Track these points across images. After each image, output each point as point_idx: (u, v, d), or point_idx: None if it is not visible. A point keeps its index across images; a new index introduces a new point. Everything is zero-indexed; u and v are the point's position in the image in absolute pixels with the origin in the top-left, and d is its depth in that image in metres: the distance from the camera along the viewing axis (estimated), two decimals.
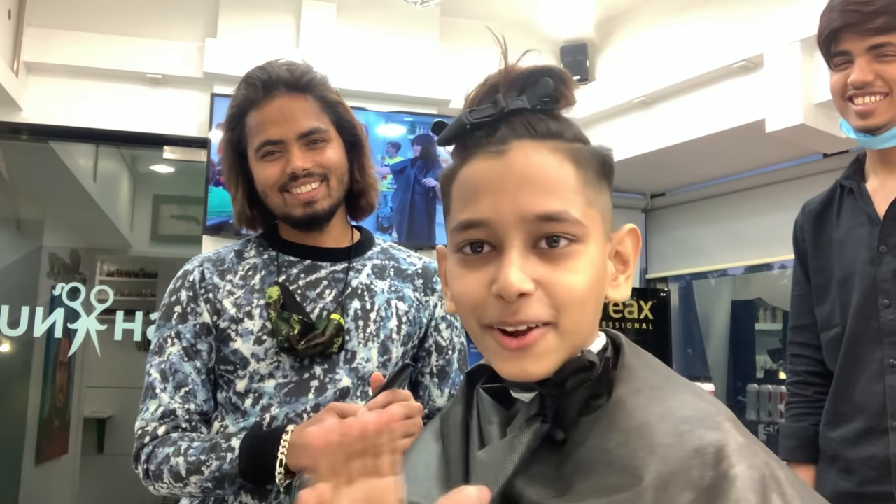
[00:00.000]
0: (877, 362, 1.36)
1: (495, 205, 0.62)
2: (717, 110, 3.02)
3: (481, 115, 0.65)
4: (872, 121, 1.36)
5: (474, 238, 0.64)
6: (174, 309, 1.26)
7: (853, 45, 1.37)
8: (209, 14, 3.36)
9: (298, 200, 1.23)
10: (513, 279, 0.60)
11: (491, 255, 0.64)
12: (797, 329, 1.57)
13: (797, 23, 2.66)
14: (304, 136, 1.23)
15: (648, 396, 0.62)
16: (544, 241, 0.62)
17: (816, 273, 1.51)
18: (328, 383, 1.22)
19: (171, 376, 1.22)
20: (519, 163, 0.63)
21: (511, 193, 0.62)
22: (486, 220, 0.63)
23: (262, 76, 1.24)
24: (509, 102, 0.65)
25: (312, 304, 1.25)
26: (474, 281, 0.64)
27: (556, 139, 0.65)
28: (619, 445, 0.59)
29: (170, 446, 1.16)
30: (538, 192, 0.62)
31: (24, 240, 4.31)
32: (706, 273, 4.03)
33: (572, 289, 0.62)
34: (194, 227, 3.92)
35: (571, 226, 0.62)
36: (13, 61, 3.07)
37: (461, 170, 0.66)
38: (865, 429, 1.36)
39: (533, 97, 0.65)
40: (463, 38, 3.60)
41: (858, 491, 1.36)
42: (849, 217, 1.46)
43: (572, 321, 0.63)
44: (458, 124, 0.66)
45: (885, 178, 1.43)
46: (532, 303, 0.61)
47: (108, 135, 3.32)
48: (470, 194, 0.64)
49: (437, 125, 0.70)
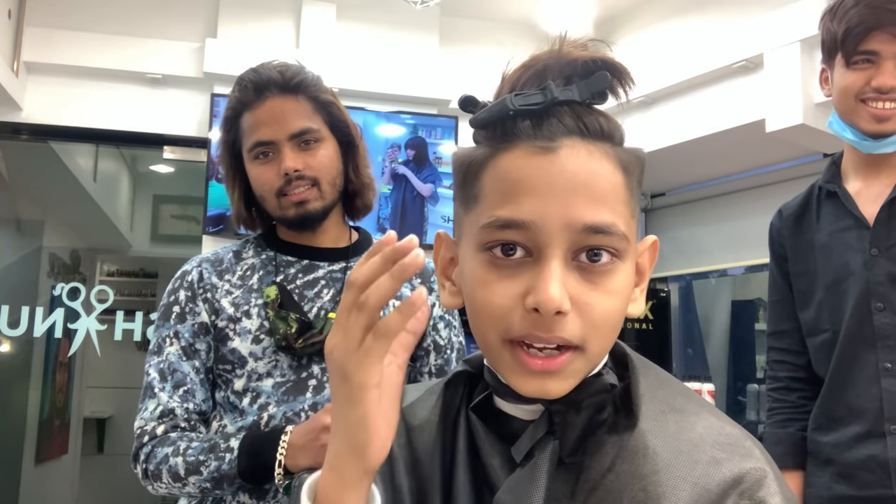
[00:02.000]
0: (871, 366, 1.35)
1: (541, 208, 0.56)
2: (717, 110, 3.02)
3: (528, 102, 0.58)
4: (888, 126, 1.33)
5: (510, 239, 0.57)
6: (173, 309, 1.26)
7: (883, 46, 1.32)
8: (209, 14, 3.36)
9: (291, 202, 1.24)
10: (554, 294, 0.55)
11: (525, 263, 0.57)
12: (777, 335, 1.55)
13: (797, 23, 2.66)
14: (296, 136, 1.23)
15: (676, 422, 0.60)
16: (584, 254, 0.57)
17: (798, 278, 1.49)
18: (326, 382, 1.22)
19: (170, 376, 1.22)
20: (571, 165, 0.57)
21: (560, 198, 0.56)
22: (529, 223, 0.56)
23: (253, 78, 1.24)
24: (560, 92, 0.58)
25: (310, 303, 1.25)
26: (504, 291, 0.58)
27: (607, 142, 0.59)
28: (654, 472, 0.57)
29: (169, 446, 1.16)
30: (590, 201, 0.56)
31: (24, 240, 4.31)
32: (706, 273, 4.03)
33: (608, 313, 0.58)
34: (194, 227, 3.91)
35: (617, 240, 0.57)
36: (13, 61, 3.07)
37: (498, 158, 0.59)
38: (863, 433, 1.35)
39: (584, 90, 0.58)
40: (463, 38, 3.60)
41: (859, 495, 1.34)
42: (831, 220, 1.44)
43: (600, 345, 0.59)
44: (502, 108, 0.59)
45: (871, 180, 1.41)
46: (567, 322, 0.56)
47: (108, 135, 3.32)
48: (511, 190, 0.58)
49: (468, 101, 0.63)
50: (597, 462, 0.59)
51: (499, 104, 0.59)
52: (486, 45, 3.64)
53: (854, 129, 1.38)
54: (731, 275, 4.04)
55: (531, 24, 3.59)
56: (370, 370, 0.54)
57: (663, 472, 0.56)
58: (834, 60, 1.40)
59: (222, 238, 3.07)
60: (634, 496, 0.56)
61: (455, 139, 3.40)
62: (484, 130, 0.61)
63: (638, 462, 0.58)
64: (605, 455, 0.59)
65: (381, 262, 0.53)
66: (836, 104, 1.42)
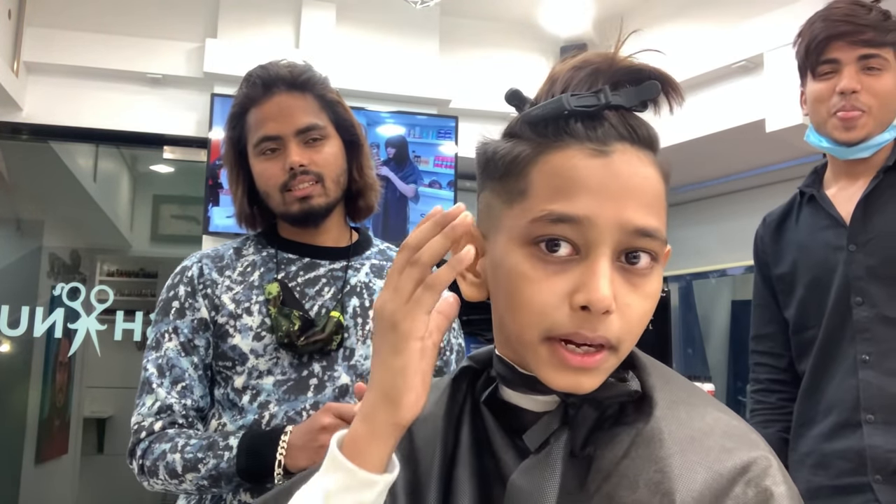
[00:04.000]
0: (850, 359, 1.38)
1: (596, 206, 0.57)
2: (717, 110, 3.02)
3: (583, 104, 0.59)
4: (855, 134, 1.40)
5: (561, 234, 0.58)
6: (172, 304, 1.25)
7: (843, 54, 1.40)
8: (209, 14, 3.36)
9: (295, 197, 1.24)
10: (606, 292, 0.56)
11: (572, 260, 0.58)
12: (759, 338, 1.61)
13: (797, 23, 2.65)
14: (302, 132, 1.24)
15: (687, 412, 0.62)
16: (624, 255, 0.59)
17: (779, 279, 1.53)
18: (327, 381, 1.22)
19: (168, 371, 1.22)
20: (625, 170, 0.59)
21: (614, 199, 0.58)
22: (583, 219, 0.57)
23: (262, 74, 1.25)
24: (612, 97, 0.60)
25: (311, 301, 1.25)
26: (551, 287, 0.58)
27: (652, 150, 0.62)
28: (670, 455, 0.59)
29: (166, 443, 1.16)
30: (640, 205, 0.59)
31: (24, 240, 4.30)
32: (706, 273, 4.03)
33: (644, 316, 0.60)
34: (194, 227, 3.91)
35: (660, 245, 0.60)
36: (13, 61, 3.07)
37: (550, 155, 0.60)
38: (841, 422, 1.38)
39: (633, 96, 0.61)
40: (463, 38, 3.60)
41: (834, 484, 1.37)
42: (809, 221, 1.50)
43: (629, 347, 0.61)
44: (558, 106, 0.60)
45: (846, 184, 1.47)
46: (611, 321, 0.58)
47: (108, 135, 3.33)
48: (565, 187, 0.58)
49: (514, 95, 0.64)
50: (610, 452, 0.61)
51: (554, 102, 0.60)
52: (486, 46, 3.65)
53: (828, 138, 1.45)
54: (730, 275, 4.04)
55: (531, 24, 3.59)
56: (418, 320, 0.58)
57: (678, 455, 0.58)
58: (805, 77, 1.49)
59: (223, 239, 3.07)
60: (651, 477, 0.58)
61: (455, 139, 3.40)
62: (534, 127, 0.61)
63: (654, 447, 0.59)
64: (618, 444, 0.61)
65: (432, 225, 0.59)
66: (810, 117, 1.49)
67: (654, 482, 0.57)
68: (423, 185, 3.39)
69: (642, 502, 0.57)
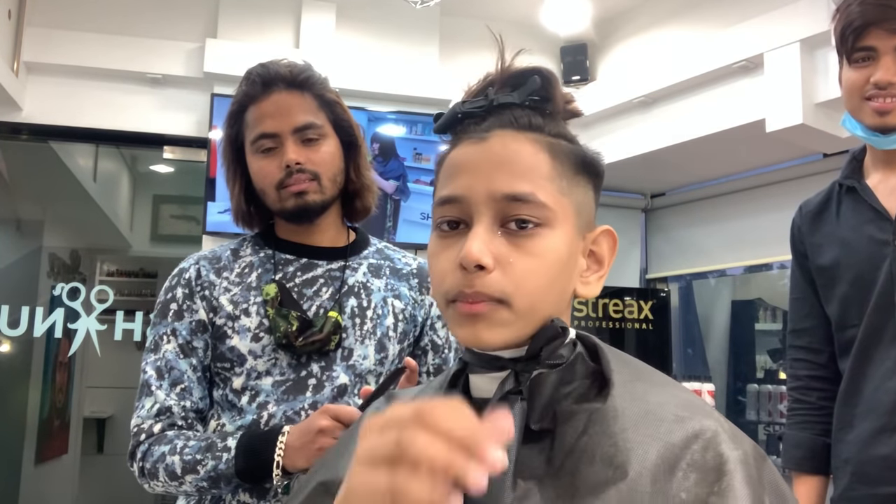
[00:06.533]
0: (890, 360, 1.32)
1: (470, 183, 0.66)
2: (717, 110, 3.02)
3: (473, 106, 0.70)
4: (889, 119, 1.34)
5: (448, 214, 0.68)
6: (170, 306, 1.25)
7: (880, 42, 1.34)
8: (209, 14, 3.37)
9: (290, 192, 1.23)
10: (473, 249, 0.63)
11: (463, 233, 0.67)
12: (797, 332, 1.53)
13: (797, 23, 2.66)
14: (300, 130, 1.23)
15: (643, 389, 0.66)
16: (513, 222, 0.65)
17: (819, 273, 1.47)
18: (325, 381, 1.22)
19: (167, 373, 1.22)
20: (496, 148, 0.67)
21: (485, 174, 0.66)
22: (460, 197, 0.67)
23: (261, 72, 1.25)
24: (499, 97, 0.70)
25: (309, 301, 1.25)
26: (446, 258, 0.67)
27: (536, 132, 0.69)
28: (623, 430, 0.61)
29: (165, 444, 1.16)
30: (509, 175, 0.66)
31: (24, 240, 4.31)
32: (706, 273, 4.03)
33: (528, 272, 0.65)
34: (194, 227, 3.92)
35: (538, 209, 0.65)
36: (13, 61, 3.07)
37: (449, 154, 0.71)
38: (879, 427, 1.32)
39: (522, 94, 0.70)
40: (463, 38, 3.60)
41: (874, 493, 1.31)
42: (851, 214, 1.43)
43: (526, 303, 0.65)
44: (451, 113, 0.72)
45: (889, 174, 1.41)
46: (489, 278, 0.64)
47: (108, 135, 3.32)
48: (451, 174, 0.69)
49: (437, 116, 0.75)
50: (570, 428, 0.64)
51: (450, 111, 0.72)
52: (486, 46, 3.63)
53: (862, 125, 1.39)
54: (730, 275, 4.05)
55: (531, 25, 3.59)
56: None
57: (631, 429, 0.61)
58: (841, 59, 1.42)
59: (223, 238, 3.07)
60: (605, 451, 0.60)
61: None
62: (442, 135, 0.74)
63: (608, 423, 0.62)
64: (577, 421, 0.64)
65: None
66: (844, 102, 1.43)
67: (608, 456, 0.60)
68: (413, 181, 3.40)
69: (598, 476, 0.59)
